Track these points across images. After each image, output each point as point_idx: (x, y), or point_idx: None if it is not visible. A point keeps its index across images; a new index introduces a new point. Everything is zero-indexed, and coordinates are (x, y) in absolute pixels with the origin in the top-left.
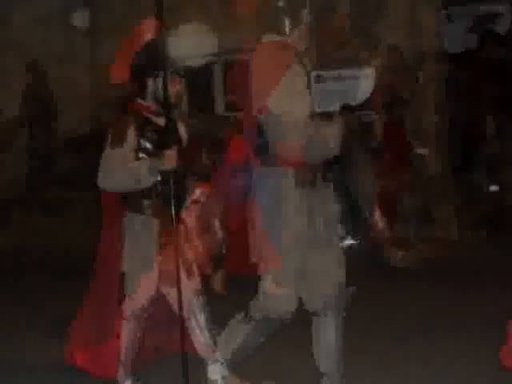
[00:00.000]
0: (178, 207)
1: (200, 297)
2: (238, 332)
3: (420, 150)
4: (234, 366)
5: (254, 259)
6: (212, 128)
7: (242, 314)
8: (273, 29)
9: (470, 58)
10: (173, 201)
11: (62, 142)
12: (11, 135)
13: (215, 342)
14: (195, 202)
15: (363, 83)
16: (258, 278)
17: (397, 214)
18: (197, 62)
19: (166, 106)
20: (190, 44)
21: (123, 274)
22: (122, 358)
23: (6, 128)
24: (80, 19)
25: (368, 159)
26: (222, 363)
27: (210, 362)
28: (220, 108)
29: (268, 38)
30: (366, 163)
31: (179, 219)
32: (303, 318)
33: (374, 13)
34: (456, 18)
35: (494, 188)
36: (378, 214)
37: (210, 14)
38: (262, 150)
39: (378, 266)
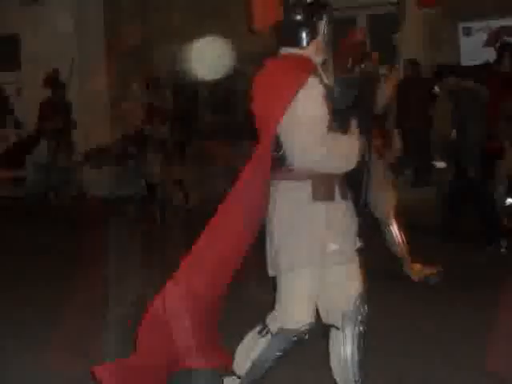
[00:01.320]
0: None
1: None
2: (255, 346)
3: (438, 164)
4: (251, 380)
5: (270, 272)
6: None
7: (259, 327)
8: (290, 41)
9: (486, 72)
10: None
11: (82, 154)
12: (30, 149)
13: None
14: None
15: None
16: (275, 291)
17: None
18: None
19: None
20: None
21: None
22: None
23: (27, 141)
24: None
25: (389, 173)
26: (239, 377)
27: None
28: None
29: (285, 51)
30: (386, 176)
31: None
32: (321, 332)
33: (393, 26)
34: (472, 31)
35: (510, 201)
36: (396, 228)
37: None
38: (281, 163)
39: (395, 279)
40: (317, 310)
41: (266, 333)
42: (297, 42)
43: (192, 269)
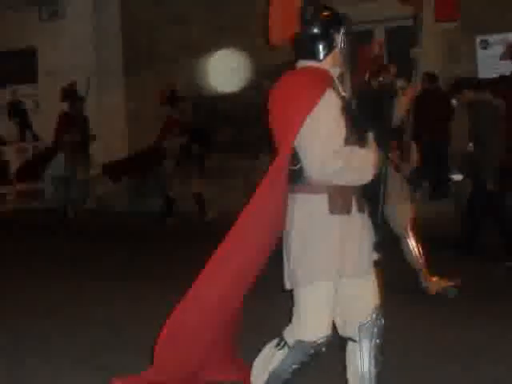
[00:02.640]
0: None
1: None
2: (272, 358)
3: (456, 177)
4: None
5: (287, 285)
6: None
7: (276, 340)
8: (307, 54)
9: (503, 84)
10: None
11: (99, 167)
12: (48, 162)
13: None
14: None
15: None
16: (292, 303)
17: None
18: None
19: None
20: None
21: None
22: None
23: (44, 154)
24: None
25: (406, 185)
26: None
27: None
28: None
29: (302, 64)
30: (403, 189)
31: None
32: (338, 344)
33: (410, 39)
34: (489, 44)
35: None
36: (414, 240)
37: None
38: (298, 176)
39: (413, 292)
40: (334, 323)
41: (284, 346)
42: (314, 55)
43: (209, 282)
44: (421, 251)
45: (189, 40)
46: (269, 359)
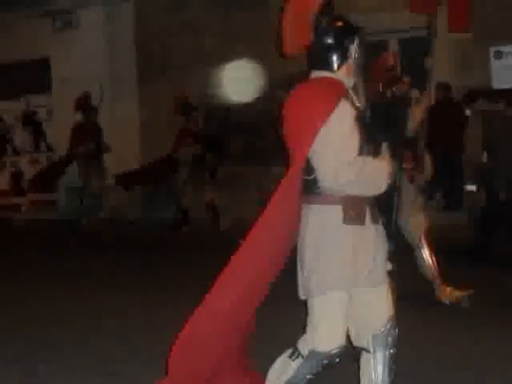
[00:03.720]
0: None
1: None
2: (286, 369)
3: (469, 187)
4: None
5: (301, 295)
6: None
7: (290, 350)
8: (321, 65)
9: None
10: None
11: (113, 178)
12: (62, 173)
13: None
14: None
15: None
16: (305, 312)
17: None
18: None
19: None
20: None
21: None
22: None
23: (58, 165)
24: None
25: (420, 196)
26: None
27: None
28: None
29: (316, 74)
30: (417, 200)
31: None
32: (351, 355)
33: (424, 50)
34: (503, 54)
35: None
36: (427, 251)
37: None
38: (312, 186)
39: (426, 302)
40: (347, 333)
41: (297, 356)
42: (328, 66)
43: (222, 293)
44: (435, 261)
45: (202, 49)
46: (283, 369)
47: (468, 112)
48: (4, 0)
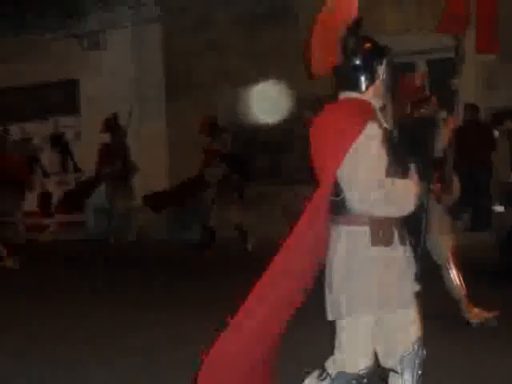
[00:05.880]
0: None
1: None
2: None
3: (498, 208)
4: None
5: (329, 316)
6: None
7: (318, 371)
8: (349, 85)
9: None
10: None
11: (141, 199)
12: (90, 193)
13: None
14: None
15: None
16: (332, 331)
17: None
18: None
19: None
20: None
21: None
22: None
23: (86, 186)
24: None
25: (447, 216)
26: None
27: None
28: None
29: (344, 95)
30: (444, 220)
31: None
32: (379, 376)
33: (451, 71)
34: None
35: None
36: (455, 271)
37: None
38: (340, 207)
39: (454, 323)
40: (375, 354)
41: (326, 377)
42: (356, 87)
43: (250, 312)
44: (462, 281)
45: (227, 67)
46: None
47: (496, 133)
48: (33, 22)
